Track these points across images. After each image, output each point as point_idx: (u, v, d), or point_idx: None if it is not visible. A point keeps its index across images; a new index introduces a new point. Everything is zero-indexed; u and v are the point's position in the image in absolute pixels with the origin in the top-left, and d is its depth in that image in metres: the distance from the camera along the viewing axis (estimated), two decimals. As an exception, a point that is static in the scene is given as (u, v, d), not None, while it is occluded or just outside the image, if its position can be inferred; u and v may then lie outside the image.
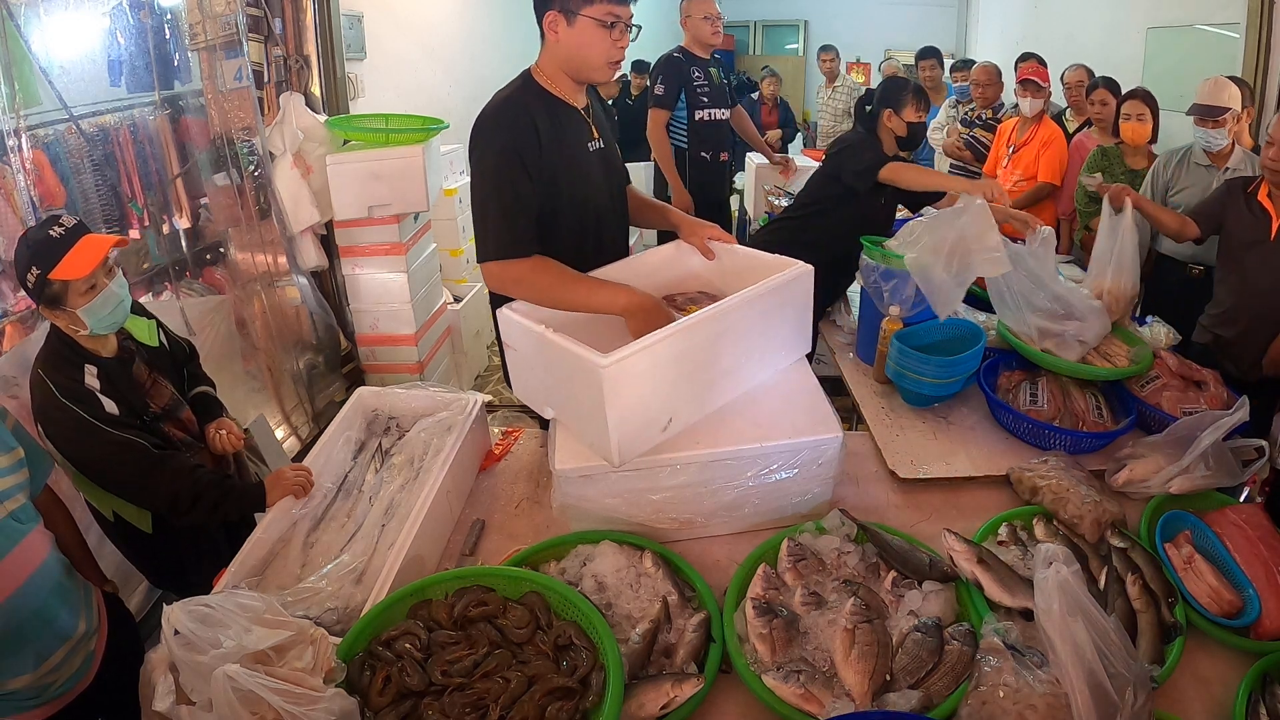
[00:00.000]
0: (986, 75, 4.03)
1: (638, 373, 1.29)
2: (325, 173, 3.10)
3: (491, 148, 1.53)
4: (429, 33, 4.77)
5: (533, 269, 1.51)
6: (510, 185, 1.51)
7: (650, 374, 1.32)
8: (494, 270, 1.52)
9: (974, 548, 1.28)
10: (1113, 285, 1.98)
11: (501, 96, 1.60)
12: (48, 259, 1.43)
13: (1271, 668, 1.13)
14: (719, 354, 1.44)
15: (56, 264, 1.42)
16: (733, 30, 9.16)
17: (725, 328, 1.43)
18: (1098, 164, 3.03)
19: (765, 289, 1.48)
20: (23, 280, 1.46)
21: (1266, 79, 2.98)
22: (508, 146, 1.51)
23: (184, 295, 2.82)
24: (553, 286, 1.49)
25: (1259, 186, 2.10)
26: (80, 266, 1.43)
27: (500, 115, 1.56)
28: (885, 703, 1.06)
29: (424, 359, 3.50)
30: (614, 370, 1.24)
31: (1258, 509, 1.42)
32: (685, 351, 1.37)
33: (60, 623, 1.34)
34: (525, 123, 1.53)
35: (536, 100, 1.58)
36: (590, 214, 1.69)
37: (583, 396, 1.32)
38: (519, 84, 1.62)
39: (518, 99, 1.58)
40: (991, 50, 5.93)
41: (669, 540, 1.41)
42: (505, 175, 1.51)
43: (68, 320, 1.48)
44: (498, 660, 1.10)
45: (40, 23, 2.19)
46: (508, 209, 1.51)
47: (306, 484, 1.49)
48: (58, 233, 1.44)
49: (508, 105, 1.57)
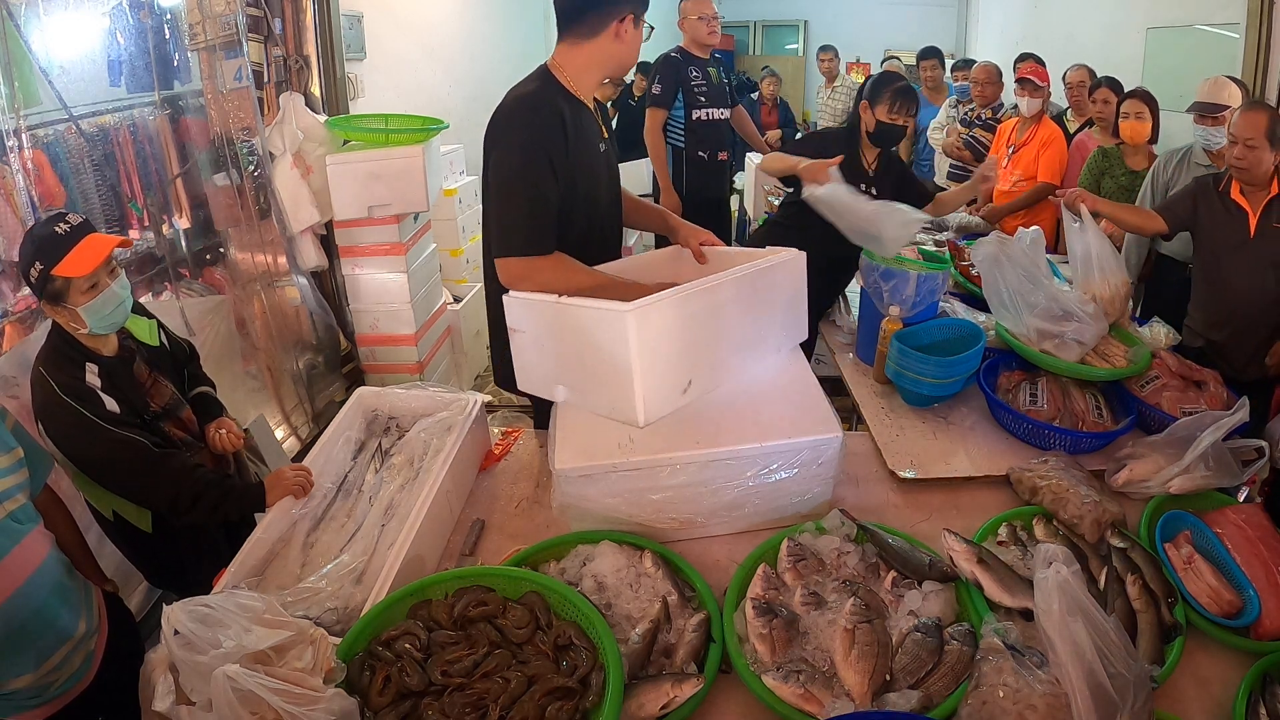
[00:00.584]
0: (986, 75, 4.03)
1: (659, 324, 1.36)
2: (325, 173, 3.10)
3: (517, 142, 1.52)
4: (429, 33, 4.77)
5: (554, 265, 1.52)
6: (536, 181, 1.50)
7: (669, 329, 1.38)
8: (515, 266, 1.52)
9: (974, 548, 1.28)
10: (1102, 286, 1.95)
11: (525, 91, 1.58)
12: (51, 255, 1.43)
13: (1271, 668, 1.13)
14: (725, 325, 1.51)
15: (60, 260, 1.43)
16: (733, 30, 9.16)
17: (726, 298, 1.49)
18: (1098, 165, 3.03)
19: (759, 267, 1.58)
20: (26, 275, 1.46)
21: (1266, 79, 2.98)
22: (534, 142, 1.51)
23: (184, 295, 2.82)
24: (572, 283, 1.51)
25: (1230, 183, 2.09)
26: (83, 264, 1.44)
27: (527, 111, 1.55)
28: (885, 703, 1.06)
29: (424, 359, 3.51)
30: (638, 316, 1.29)
31: (1258, 509, 1.42)
32: (695, 315, 1.44)
33: (61, 623, 1.34)
34: (554, 119, 1.53)
35: (560, 97, 1.58)
36: (598, 213, 1.70)
37: (603, 358, 1.36)
38: (540, 80, 1.60)
39: (543, 95, 1.57)
40: (991, 50, 5.93)
41: (669, 540, 1.41)
42: (531, 171, 1.50)
43: (68, 318, 1.48)
44: (498, 660, 1.10)
45: (40, 23, 2.19)
46: (534, 205, 1.51)
47: (306, 484, 1.49)
48: (63, 229, 1.45)
49: (534, 101, 1.56)
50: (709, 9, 3.35)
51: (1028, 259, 1.88)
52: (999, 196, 3.61)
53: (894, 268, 1.95)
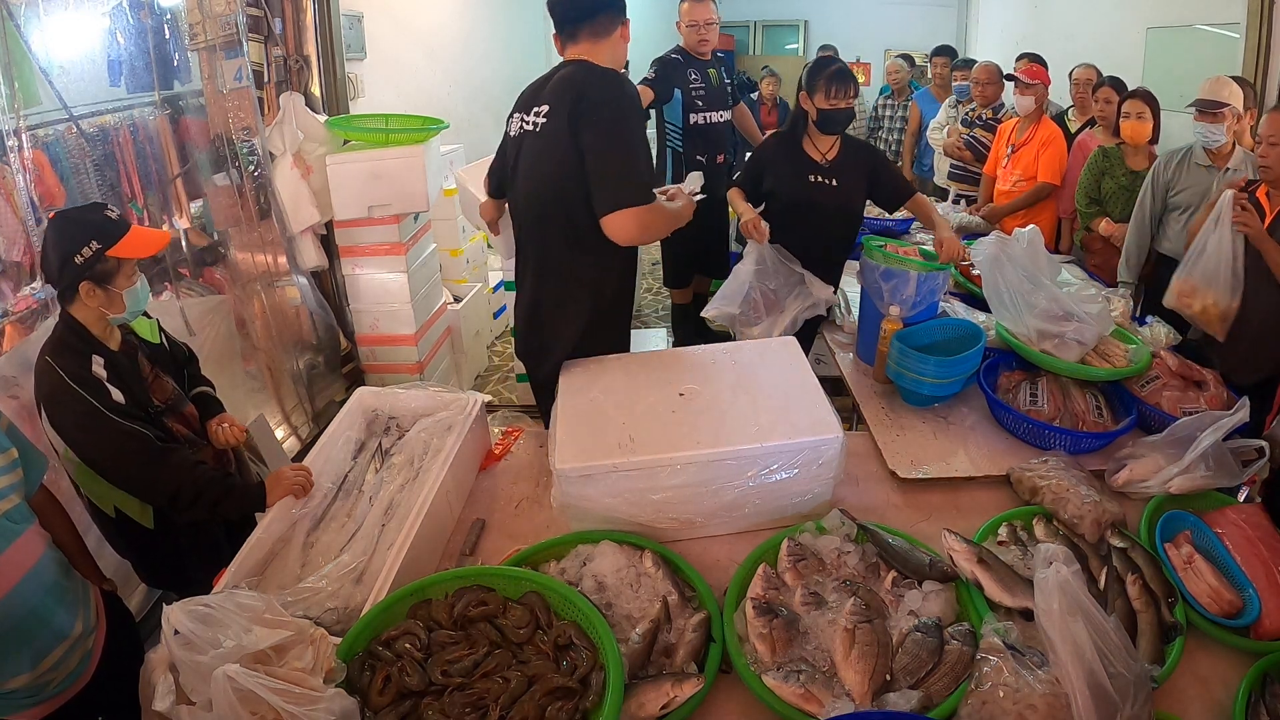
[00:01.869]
0: (987, 74, 4.03)
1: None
2: (325, 173, 3.10)
3: (627, 104, 1.69)
4: (429, 33, 4.77)
5: (655, 209, 1.72)
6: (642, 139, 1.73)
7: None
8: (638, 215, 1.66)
9: (974, 548, 1.28)
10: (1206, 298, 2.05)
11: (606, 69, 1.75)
12: (109, 236, 1.48)
13: (1271, 668, 1.13)
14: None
15: (117, 241, 1.48)
16: (733, 30, 9.15)
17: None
18: (1099, 164, 3.03)
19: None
20: (70, 255, 1.45)
21: (1266, 79, 2.97)
22: (636, 109, 1.73)
23: (184, 295, 2.82)
24: (663, 220, 1.75)
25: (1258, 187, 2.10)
26: (143, 248, 1.53)
27: (625, 82, 1.74)
28: (885, 703, 1.06)
29: (424, 359, 3.51)
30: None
31: (1258, 509, 1.42)
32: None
33: (57, 622, 1.34)
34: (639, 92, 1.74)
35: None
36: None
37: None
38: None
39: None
40: (992, 50, 5.92)
41: (669, 540, 1.41)
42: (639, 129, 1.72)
43: (103, 301, 1.50)
44: (498, 660, 1.10)
45: (40, 23, 2.18)
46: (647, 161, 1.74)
47: (306, 484, 1.49)
48: (114, 214, 1.52)
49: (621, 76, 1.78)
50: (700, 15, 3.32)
51: (1028, 259, 1.88)
52: (999, 196, 3.61)
53: (894, 268, 1.95)
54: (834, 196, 2.37)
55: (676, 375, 1.64)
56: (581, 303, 1.80)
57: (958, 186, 4.12)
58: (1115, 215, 3.00)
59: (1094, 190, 3.06)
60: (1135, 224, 2.76)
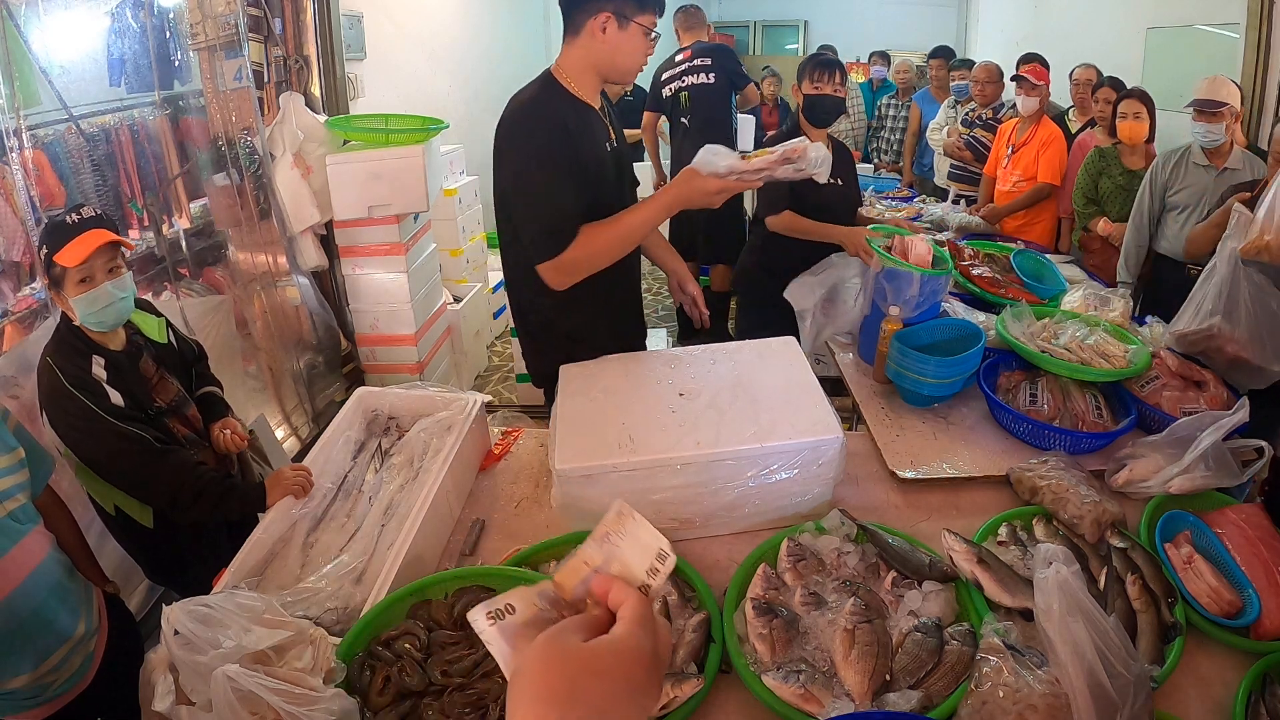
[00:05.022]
0: (987, 74, 4.03)
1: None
2: (325, 173, 3.10)
3: (525, 152, 1.55)
4: (429, 33, 4.77)
5: (585, 242, 1.56)
6: (546, 185, 1.55)
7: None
8: (552, 271, 1.57)
9: (974, 548, 1.28)
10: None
11: (527, 98, 1.60)
12: (55, 241, 1.47)
13: (1271, 668, 1.13)
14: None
15: (60, 248, 1.46)
16: (733, 30, 9.16)
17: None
18: (1095, 165, 3.04)
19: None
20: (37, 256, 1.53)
21: (1266, 79, 2.98)
22: (543, 150, 1.55)
23: (184, 295, 2.82)
24: (610, 242, 1.58)
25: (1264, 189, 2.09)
26: (75, 255, 1.46)
27: (527, 119, 1.57)
28: (885, 703, 1.06)
29: (424, 359, 3.51)
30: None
31: (1258, 509, 1.42)
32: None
33: (59, 623, 1.34)
34: (557, 125, 1.55)
35: (562, 101, 1.60)
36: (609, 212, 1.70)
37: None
38: (541, 86, 1.62)
39: (544, 100, 1.59)
40: (991, 50, 5.92)
41: (669, 540, 1.41)
42: (540, 176, 1.55)
43: (65, 306, 1.51)
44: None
45: (40, 23, 2.19)
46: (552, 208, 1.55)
47: (306, 484, 1.49)
48: (73, 219, 1.49)
49: (536, 108, 1.58)
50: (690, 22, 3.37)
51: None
52: (999, 197, 3.61)
53: (897, 268, 1.95)
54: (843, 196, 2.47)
55: (676, 375, 1.64)
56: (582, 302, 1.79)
57: (958, 187, 4.12)
58: (1113, 215, 3.00)
59: (1091, 190, 3.06)
60: (1134, 224, 2.76)
